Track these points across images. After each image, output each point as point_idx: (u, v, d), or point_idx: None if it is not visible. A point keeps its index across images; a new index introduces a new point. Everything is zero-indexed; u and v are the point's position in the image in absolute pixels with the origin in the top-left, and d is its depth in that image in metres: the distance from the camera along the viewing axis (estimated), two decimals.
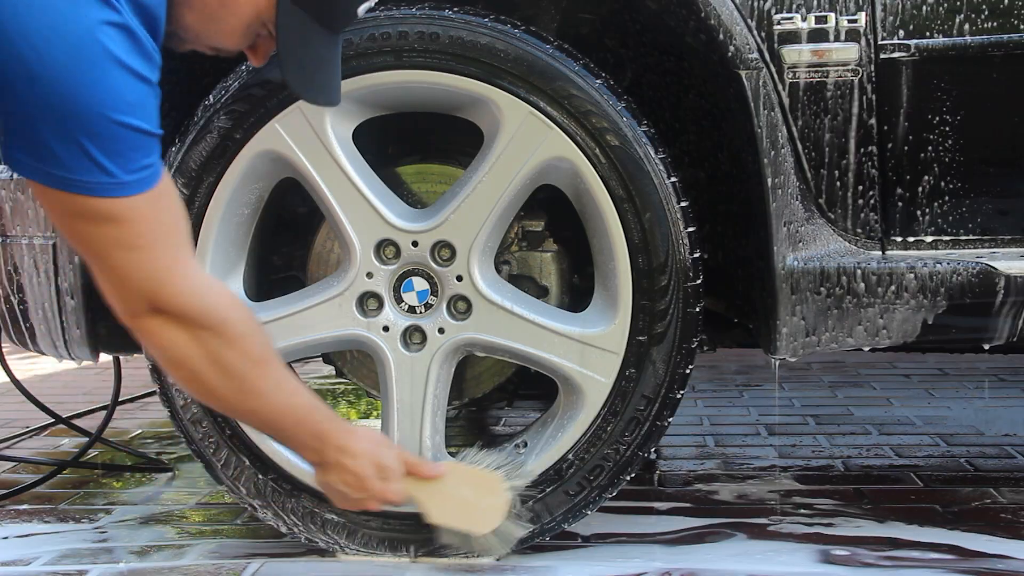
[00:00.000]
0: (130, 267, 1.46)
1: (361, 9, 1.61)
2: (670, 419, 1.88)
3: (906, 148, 1.81)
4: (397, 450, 1.76)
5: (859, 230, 1.84)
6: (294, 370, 1.76)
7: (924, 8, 1.78)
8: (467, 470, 1.80)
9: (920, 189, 1.83)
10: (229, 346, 1.54)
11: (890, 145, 1.81)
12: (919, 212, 1.83)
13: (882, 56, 1.78)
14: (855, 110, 1.80)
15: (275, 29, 1.56)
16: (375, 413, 3.25)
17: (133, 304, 1.50)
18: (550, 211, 2.00)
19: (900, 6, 1.78)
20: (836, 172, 1.82)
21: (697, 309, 1.84)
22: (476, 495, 1.78)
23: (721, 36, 1.77)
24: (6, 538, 2.12)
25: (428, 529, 1.87)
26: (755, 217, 1.86)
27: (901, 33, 1.78)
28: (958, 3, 1.78)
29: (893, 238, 1.85)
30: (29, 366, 4.24)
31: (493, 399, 3.20)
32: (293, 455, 1.91)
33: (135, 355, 2.09)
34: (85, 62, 1.33)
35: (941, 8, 1.78)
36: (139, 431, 3.07)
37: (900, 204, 1.83)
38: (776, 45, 1.78)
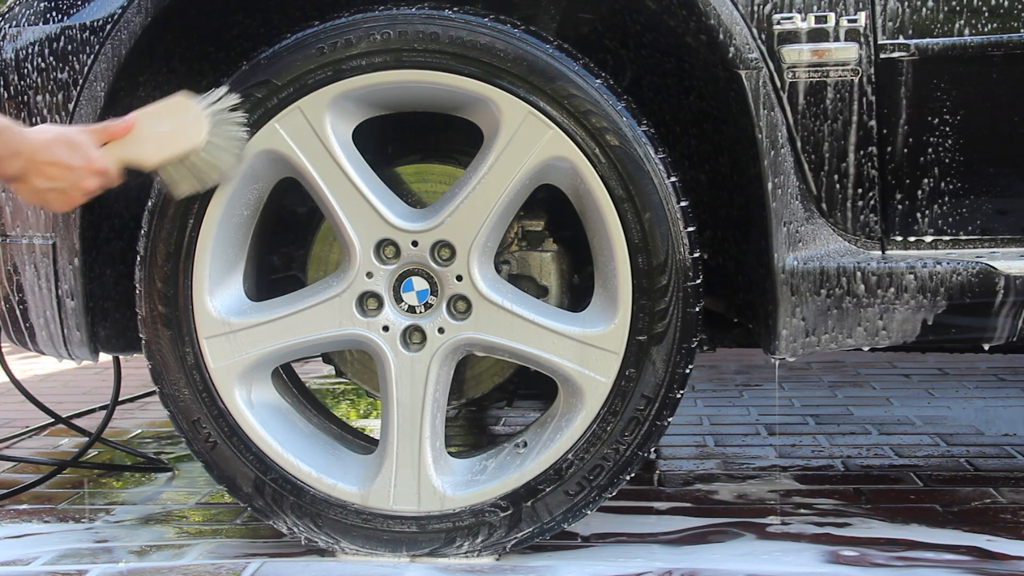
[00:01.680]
0: None
1: None
2: (670, 419, 1.88)
3: (906, 148, 1.81)
4: (77, 127, 1.71)
5: (859, 230, 1.84)
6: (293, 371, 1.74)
7: (924, 8, 1.78)
8: (154, 109, 1.76)
9: (920, 189, 1.83)
10: None
11: (890, 145, 1.81)
12: (919, 212, 1.83)
13: (882, 56, 1.78)
14: (855, 110, 1.80)
15: None
16: (375, 413, 3.25)
17: None
18: (550, 211, 2.00)
19: (900, 6, 1.78)
20: (836, 172, 1.82)
21: (697, 309, 1.84)
22: (175, 123, 1.75)
23: (721, 36, 1.77)
24: (6, 538, 2.12)
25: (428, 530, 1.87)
26: (755, 218, 1.86)
27: (901, 33, 1.78)
28: (958, 4, 1.78)
29: (893, 238, 1.85)
30: (29, 366, 4.24)
31: (493, 399, 3.21)
32: (295, 457, 1.91)
33: (135, 355, 2.09)
34: None
35: (941, 8, 1.78)
36: (139, 431, 3.07)
37: (900, 204, 1.83)
38: (776, 45, 1.78)
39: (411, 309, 1.89)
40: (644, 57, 2.10)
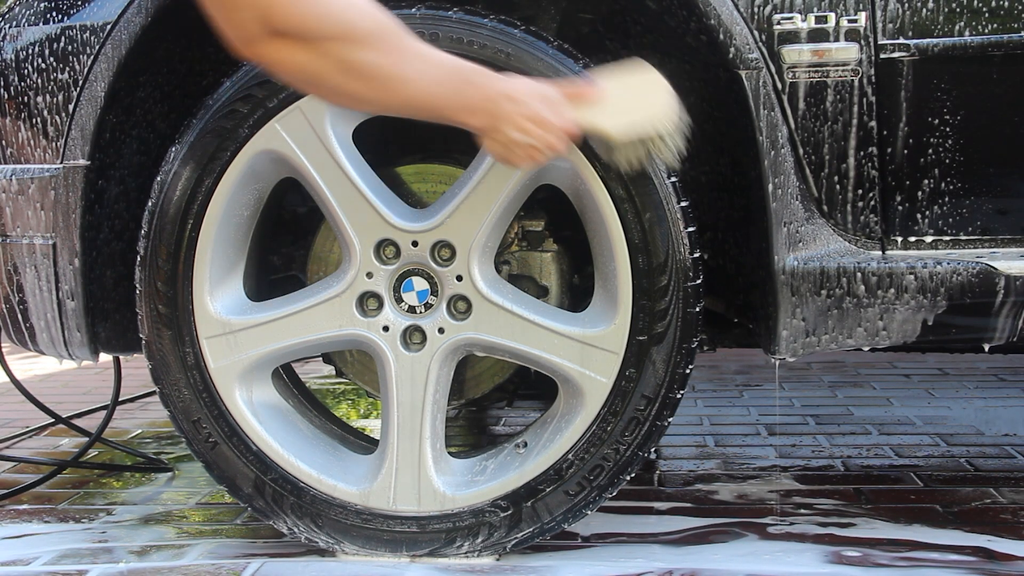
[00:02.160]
0: None
1: None
2: (670, 419, 1.88)
3: (906, 148, 1.81)
4: (550, 84, 1.67)
5: (859, 230, 1.84)
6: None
7: (924, 9, 1.78)
8: (623, 79, 1.71)
9: (920, 189, 1.83)
10: (360, 48, 1.43)
11: (890, 145, 1.81)
12: (919, 212, 1.83)
13: (882, 56, 1.78)
14: (855, 110, 1.80)
15: None
16: (375, 413, 3.25)
17: (248, 28, 1.38)
18: (550, 211, 2.00)
19: (900, 7, 1.78)
20: (836, 172, 1.82)
21: (697, 309, 1.84)
22: (644, 96, 1.70)
23: (721, 36, 1.77)
24: (6, 538, 2.12)
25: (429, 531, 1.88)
26: (755, 218, 1.86)
27: (901, 33, 1.78)
28: (958, 4, 1.78)
29: (893, 238, 1.85)
30: (29, 366, 4.24)
31: (493, 399, 3.20)
32: (295, 457, 1.91)
33: (135, 355, 2.09)
34: None
35: (941, 9, 1.78)
36: (139, 431, 3.07)
37: (900, 204, 1.83)
38: (776, 45, 1.78)
39: (411, 309, 1.89)
40: (644, 58, 2.09)
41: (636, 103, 1.70)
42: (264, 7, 1.36)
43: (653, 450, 1.97)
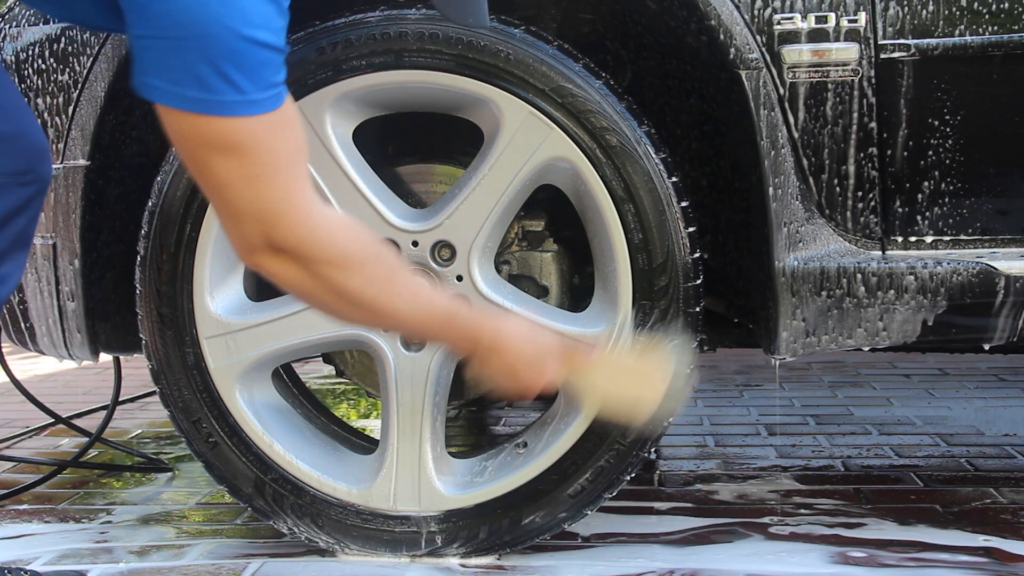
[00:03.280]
0: (247, 200, 1.42)
1: None
2: (670, 419, 1.88)
3: (906, 148, 1.81)
4: (550, 335, 1.71)
5: (859, 230, 1.84)
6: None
7: (924, 9, 1.78)
8: (624, 360, 1.74)
9: (920, 189, 1.83)
10: (351, 276, 1.50)
11: (890, 145, 1.81)
12: (919, 212, 1.83)
13: (882, 56, 1.78)
14: (855, 110, 1.80)
15: None
16: (375, 413, 3.25)
17: (250, 240, 1.46)
18: (550, 211, 2.00)
19: (900, 7, 1.78)
20: (836, 172, 1.82)
21: (697, 309, 1.84)
22: (638, 369, 1.72)
23: (722, 36, 1.77)
24: (6, 538, 2.12)
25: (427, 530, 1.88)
26: (755, 219, 1.86)
27: (901, 33, 1.78)
28: (958, 4, 1.78)
29: (893, 238, 1.85)
30: (29, 366, 4.24)
31: (493, 399, 3.20)
32: (295, 457, 1.91)
33: (135, 355, 2.09)
34: None
35: (941, 9, 1.78)
36: (139, 431, 3.07)
37: (900, 204, 1.83)
38: (776, 45, 1.78)
39: None
40: (645, 58, 2.10)
41: (629, 385, 1.72)
42: (267, 224, 1.44)
43: (653, 450, 1.96)
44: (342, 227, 1.52)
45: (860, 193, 1.82)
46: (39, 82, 1.92)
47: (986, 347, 1.89)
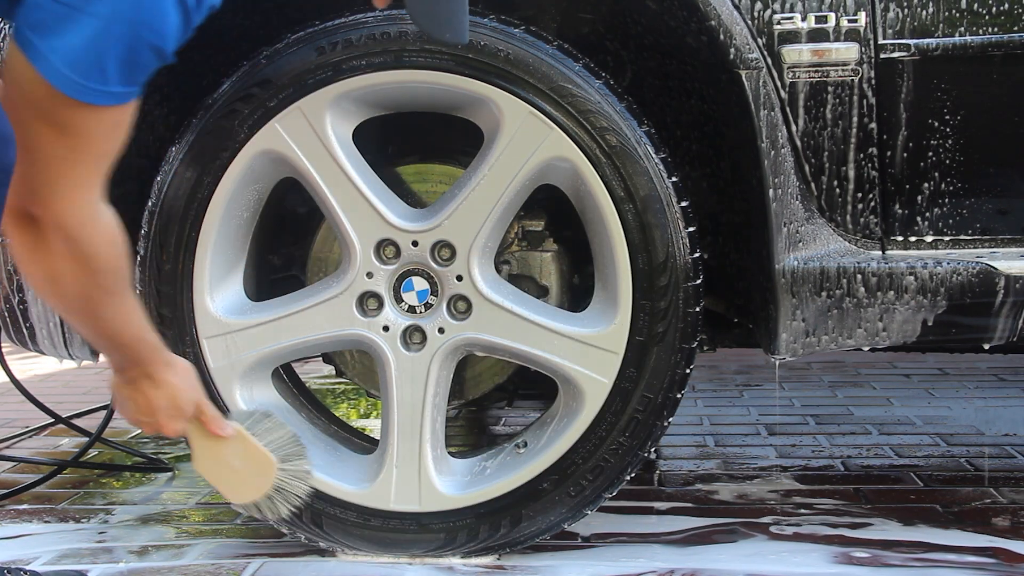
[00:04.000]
0: (47, 170, 1.43)
1: None
2: (670, 419, 1.88)
3: (906, 148, 1.81)
4: (200, 396, 1.74)
5: (859, 230, 1.84)
6: None
7: (924, 9, 1.78)
8: (250, 443, 1.77)
9: (920, 189, 1.83)
10: (85, 275, 1.51)
11: (890, 145, 1.81)
12: (919, 212, 1.83)
13: (882, 56, 1.78)
14: (855, 110, 1.80)
15: None
16: (375, 413, 3.25)
17: (20, 201, 1.46)
18: (550, 211, 2.00)
19: (900, 7, 1.78)
20: (836, 172, 1.82)
21: (697, 309, 1.84)
22: (246, 468, 1.77)
23: (722, 37, 1.77)
24: (6, 538, 2.12)
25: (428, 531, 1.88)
26: (755, 219, 1.86)
27: (901, 33, 1.78)
28: (958, 4, 1.78)
29: (893, 238, 1.85)
30: (29, 366, 4.24)
31: (493, 399, 3.20)
32: None
33: None
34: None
35: (941, 9, 1.78)
36: (139, 431, 3.07)
37: (900, 204, 1.83)
38: (776, 45, 1.78)
39: (411, 309, 1.89)
40: (645, 58, 2.10)
41: (235, 467, 1.76)
42: (48, 196, 1.45)
43: (653, 450, 1.96)
44: (108, 231, 1.53)
45: (860, 193, 1.82)
46: None
47: (986, 347, 1.89)
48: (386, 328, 1.89)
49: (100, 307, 1.56)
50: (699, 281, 1.84)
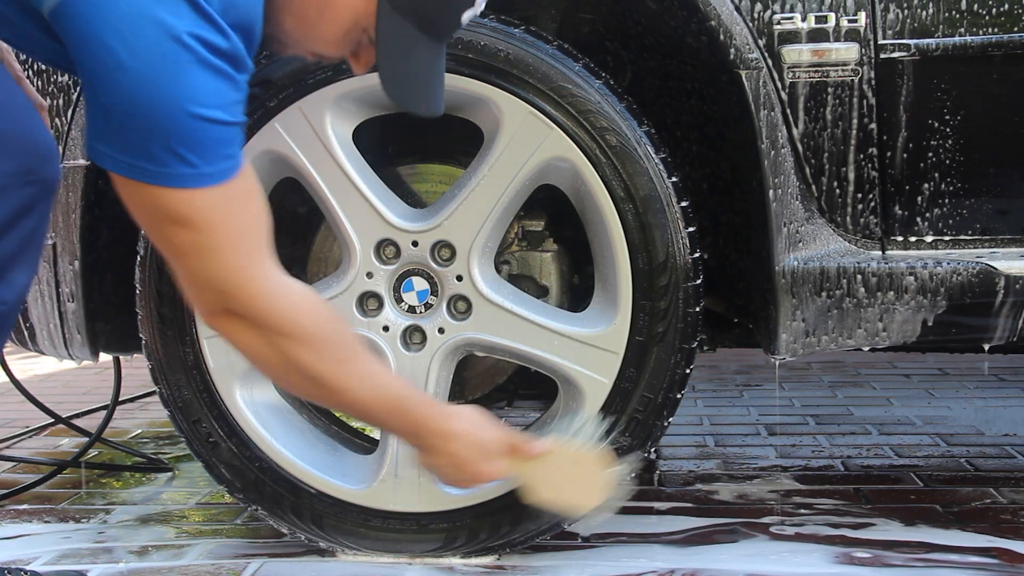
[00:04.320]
0: (204, 270, 1.44)
1: (465, 16, 1.53)
2: (670, 419, 1.88)
3: (906, 148, 1.81)
4: (499, 429, 1.71)
5: (859, 230, 1.84)
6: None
7: (924, 9, 1.78)
8: (571, 451, 1.74)
9: (920, 189, 1.83)
10: (305, 350, 1.51)
11: (890, 145, 1.81)
12: (919, 212, 1.83)
13: (882, 56, 1.78)
14: (855, 110, 1.80)
15: (375, 36, 1.51)
16: None
17: (209, 305, 1.49)
18: (550, 211, 2.00)
19: (900, 7, 1.78)
20: (836, 173, 1.82)
21: (697, 309, 1.84)
22: (580, 470, 1.73)
23: (721, 36, 1.77)
24: (6, 538, 2.12)
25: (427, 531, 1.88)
26: (755, 219, 1.86)
27: (901, 33, 1.78)
28: (958, 4, 1.78)
29: (893, 238, 1.85)
30: (29, 366, 4.24)
31: (493, 399, 3.20)
32: (295, 457, 1.91)
33: (135, 355, 2.09)
34: (169, 64, 1.33)
35: (941, 9, 1.78)
36: (139, 431, 3.07)
37: (900, 204, 1.83)
38: (776, 45, 1.78)
39: (411, 309, 1.89)
40: (645, 59, 2.10)
41: (571, 476, 1.73)
42: (223, 293, 1.46)
43: (653, 450, 1.96)
44: (301, 299, 1.53)
45: (860, 193, 1.82)
46: (39, 83, 1.92)
47: (986, 347, 1.89)
48: (386, 328, 1.89)
49: (339, 380, 1.55)
50: (699, 281, 1.84)
